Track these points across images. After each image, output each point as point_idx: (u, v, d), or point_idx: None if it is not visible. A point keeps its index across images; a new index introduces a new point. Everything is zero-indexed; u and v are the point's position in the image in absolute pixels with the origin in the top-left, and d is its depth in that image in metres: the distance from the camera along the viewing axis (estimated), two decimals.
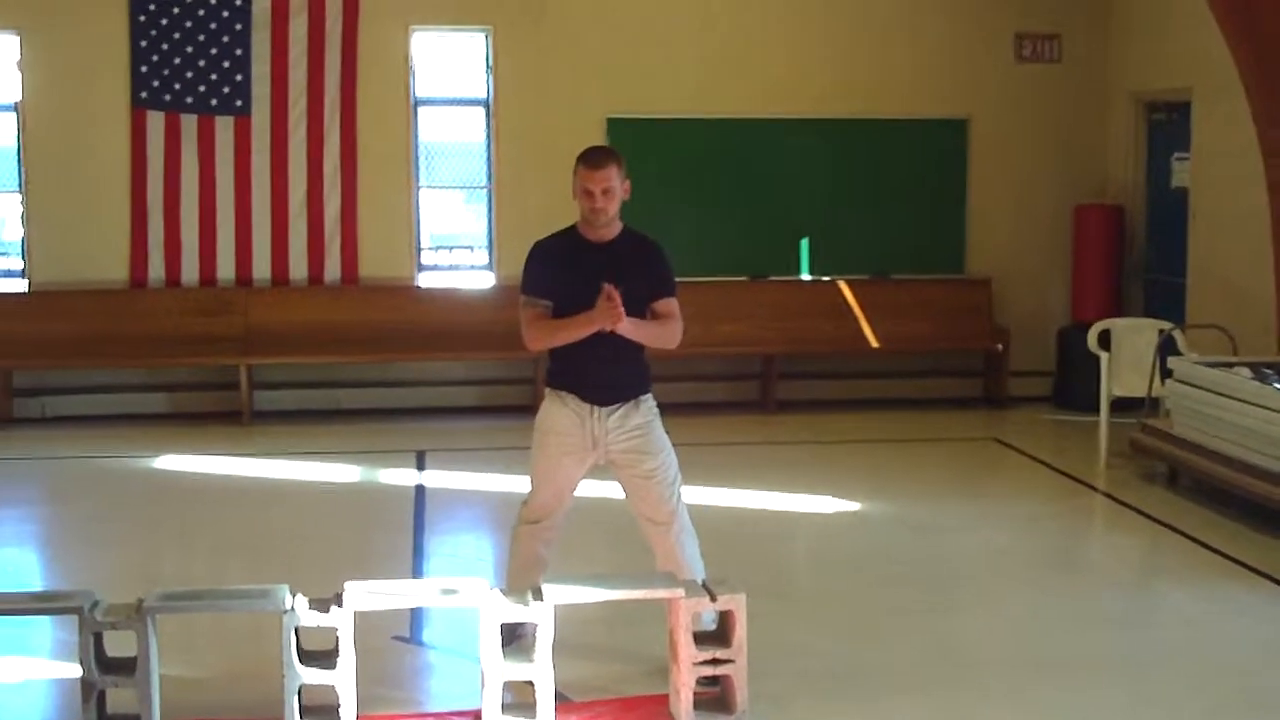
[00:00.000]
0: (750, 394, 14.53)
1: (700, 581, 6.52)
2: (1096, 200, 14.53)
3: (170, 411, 14.04)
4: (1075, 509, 10.81)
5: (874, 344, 14.39)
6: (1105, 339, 11.88)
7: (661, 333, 6.82)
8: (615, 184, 6.76)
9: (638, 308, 6.74)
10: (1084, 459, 11.87)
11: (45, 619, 7.41)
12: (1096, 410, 11.84)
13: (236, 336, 13.83)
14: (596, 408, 6.82)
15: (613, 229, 6.87)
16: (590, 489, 7.48)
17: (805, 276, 14.69)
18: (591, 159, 6.81)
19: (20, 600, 6.82)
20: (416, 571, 8.88)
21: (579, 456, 6.89)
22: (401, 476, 11.51)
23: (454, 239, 15.27)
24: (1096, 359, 11.83)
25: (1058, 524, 10.24)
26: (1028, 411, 14.19)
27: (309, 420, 13.81)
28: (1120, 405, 11.86)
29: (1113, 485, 11.13)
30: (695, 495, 9.42)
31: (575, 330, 6.71)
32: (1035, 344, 14.61)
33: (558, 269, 6.85)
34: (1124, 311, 13.90)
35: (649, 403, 6.94)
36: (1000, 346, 14.36)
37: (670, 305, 6.88)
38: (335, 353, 13.82)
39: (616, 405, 6.84)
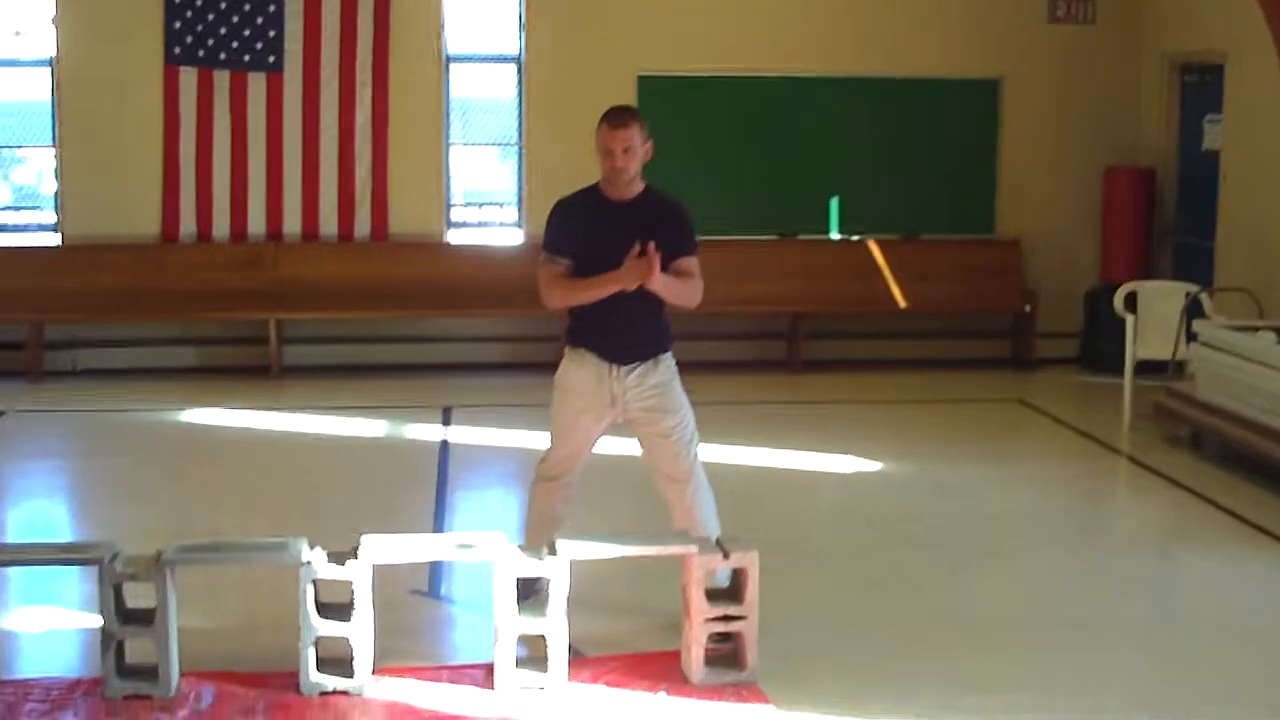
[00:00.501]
0: (777, 353, 14.53)
1: (714, 539, 6.56)
2: (1128, 162, 14.47)
3: (200, 366, 14.13)
4: (1098, 472, 10.82)
5: (902, 304, 14.38)
6: (1132, 301, 11.86)
7: (685, 290, 6.84)
8: (636, 143, 6.77)
9: (660, 266, 6.77)
10: (1109, 422, 11.85)
11: (70, 570, 7.50)
12: (1123, 373, 11.83)
13: (266, 291, 13.89)
14: (616, 366, 6.86)
15: (634, 188, 6.89)
16: (613, 446, 7.53)
17: (834, 236, 14.68)
18: (613, 118, 6.82)
19: (44, 551, 6.92)
20: (439, 526, 8.93)
21: (597, 414, 6.94)
22: (427, 432, 11.57)
23: (488, 195, 15.30)
24: (1124, 321, 11.82)
25: (1080, 487, 10.25)
26: (1055, 373, 14.17)
27: (337, 375, 13.87)
28: (1148, 368, 11.86)
29: (1136, 448, 11.12)
30: (718, 453, 9.54)
31: (598, 289, 6.73)
32: (1063, 306, 14.56)
33: (579, 227, 6.88)
34: (1153, 274, 13.85)
35: (668, 361, 6.97)
36: (1028, 308, 14.34)
37: (691, 264, 6.88)
38: (364, 308, 13.88)
39: (635, 364, 6.88)
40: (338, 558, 6.15)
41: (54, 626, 7.10)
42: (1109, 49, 14.59)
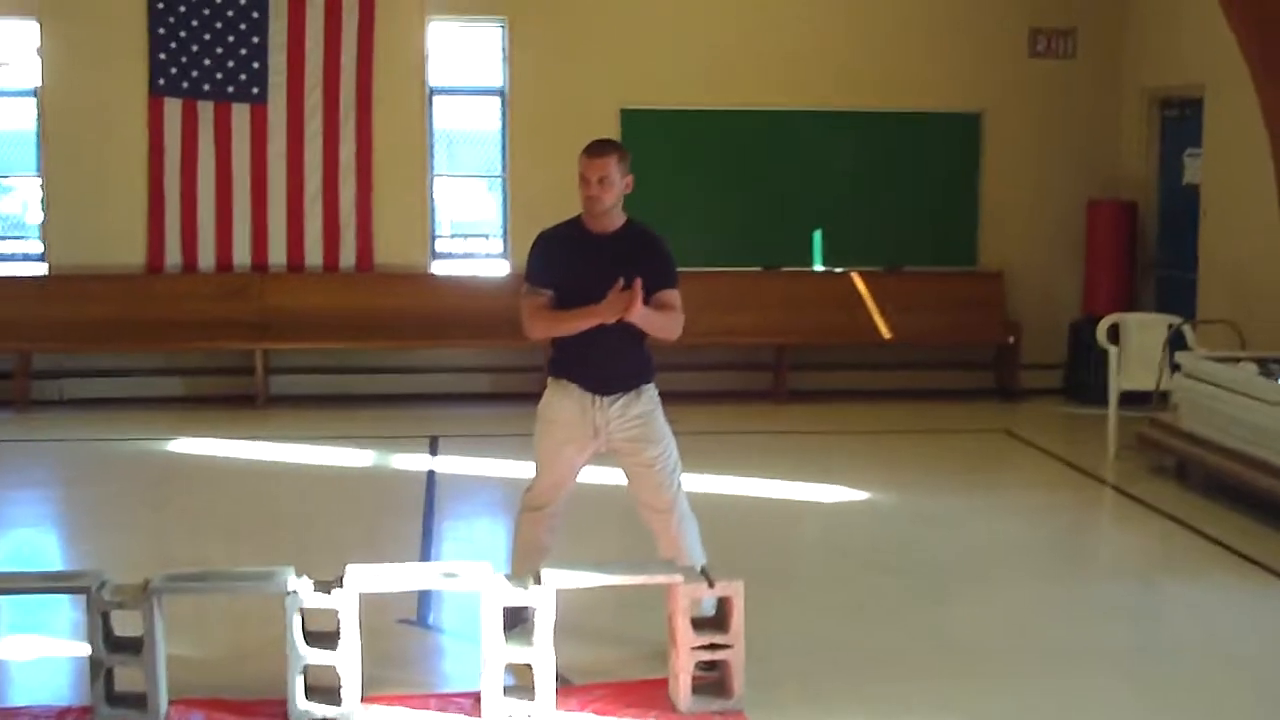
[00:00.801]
0: (762, 384, 14.58)
1: (700, 568, 6.59)
2: (1109, 195, 14.56)
3: (186, 395, 14.16)
4: (1083, 502, 10.85)
5: (886, 335, 14.45)
6: (1115, 333, 11.93)
7: (665, 322, 6.85)
8: (613, 174, 6.78)
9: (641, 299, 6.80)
10: (1093, 452, 11.90)
11: (58, 598, 7.50)
12: (1107, 404, 11.88)
13: (252, 322, 13.93)
14: (598, 396, 6.88)
15: (615, 221, 6.92)
16: (598, 476, 7.56)
17: (818, 268, 14.75)
18: (592, 148, 6.85)
19: (32, 580, 6.90)
20: (425, 556, 8.95)
21: (580, 444, 6.96)
22: (414, 462, 11.60)
23: (474, 226, 15.35)
24: (1107, 353, 11.89)
25: (1064, 516, 10.28)
26: (1039, 404, 14.25)
27: (323, 405, 13.91)
28: (1131, 399, 11.91)
29: (1121, 478, 11.17)
30: (703, 483, 9.57)
31: (578, 322, 6.75)
32: (1047, 337, 14.65)
33: (560, 259, 6.91)
34: (1136, 306, 13.94)
35: (650, 392, 6.99)
36: (1012, 339, 14.42)
37: (671, 297, 6.89)
38: (350, 339, 13.93)
39: (618, 394, 6.90)
40: (324, 586, 6.17)
41: (42, 655, 7.10)
42: (1089, 83, 14.71)
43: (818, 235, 14.67)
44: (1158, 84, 14.23)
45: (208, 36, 13.92)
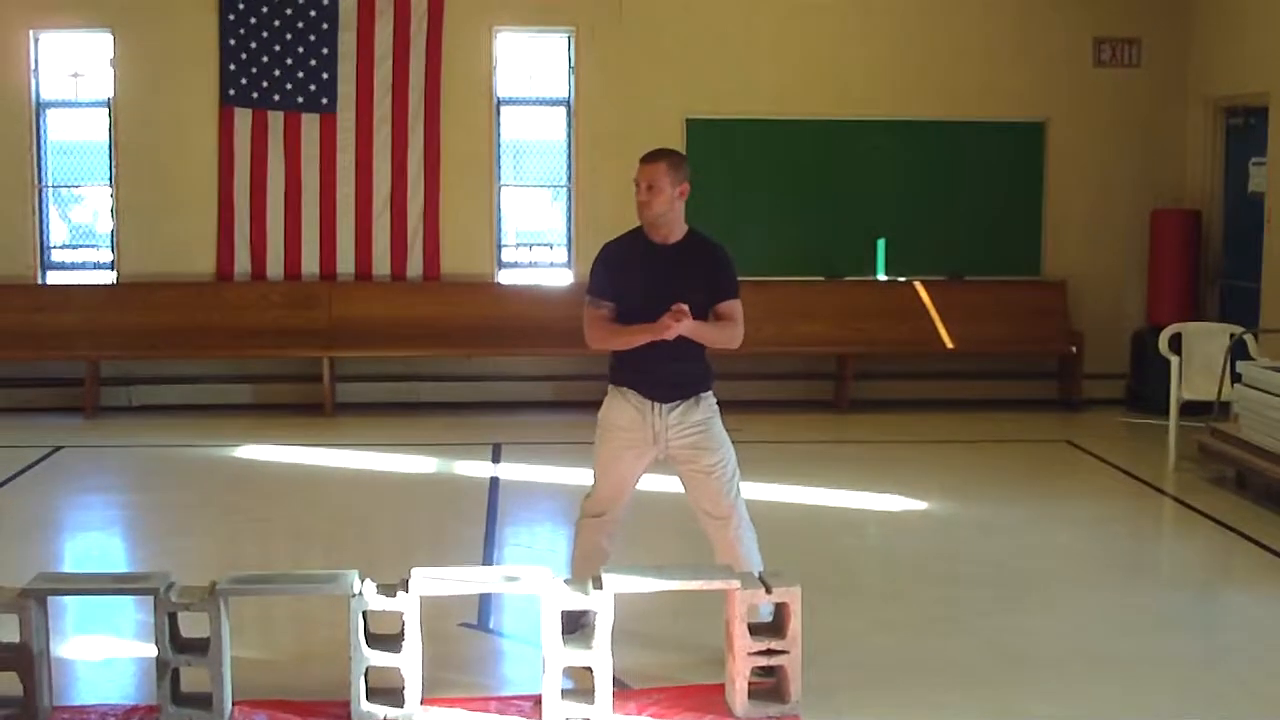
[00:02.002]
0: (824, 393, 14.63)
1: (757, 574, 6.66)
2: (1173, 204, 14.53)
3: (254, 402, 14.33)
4: (1142, 512, 10.85)
5: (949, 345, 14.46)
6: (1177, 343, 11.90)
7: (722, 334, 6.93)
8: (662, 181, 6.84)
9: (699, 311, 6.86)
10: (1154, 462, 11.91)
11: (127, 600, 7.64)
12: (1169, 414, 11.87)
13: (320, 330, 14.10)
14: (657, 404, 6.97)
15: (676, 231, 6.99)
16: (657, 484, 7.63)
17: (881, 277, 14.78)
18: (645, 155, 6.95)
19: (101, 581, 7.04)
20: (487, 560, 9.02)
21: (639, 451, 7.04)
22: (477, 469, 11.71)
23: (540, 236, 15.46)
24: (1169, 363, 11.87)
25: (1123, 527, 10.26)
26: (1101, 414, 14.23)
27: (389, 413, 14.06)
28: (1193, 409, 11.88)
29: (1181, 489, 11.16)
30: (764, 491, 9.65)
31: (633, 338, 6.86)
32: (1110, 347, 14.63)
33: (622, 271, 7.00)
34: (1199, 315, 13.88)
35: (709, 400, 7.06)
36: (1074, 349, 14.40)
37: (732, 308, 6.97)
38: (416, 347, 14.08)
39: (677, 402, 6.98)
40: (388, 590, 6.27)
41: (111, 655, 7.23)
42: (1154, 92, 14.68)
43: (881, 244, 14.70)
44: (1222, 92, 14.19)
45: (278, 47, 14.10)
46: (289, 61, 14.13)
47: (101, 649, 7.32)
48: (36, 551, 9.24)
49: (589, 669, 6.26)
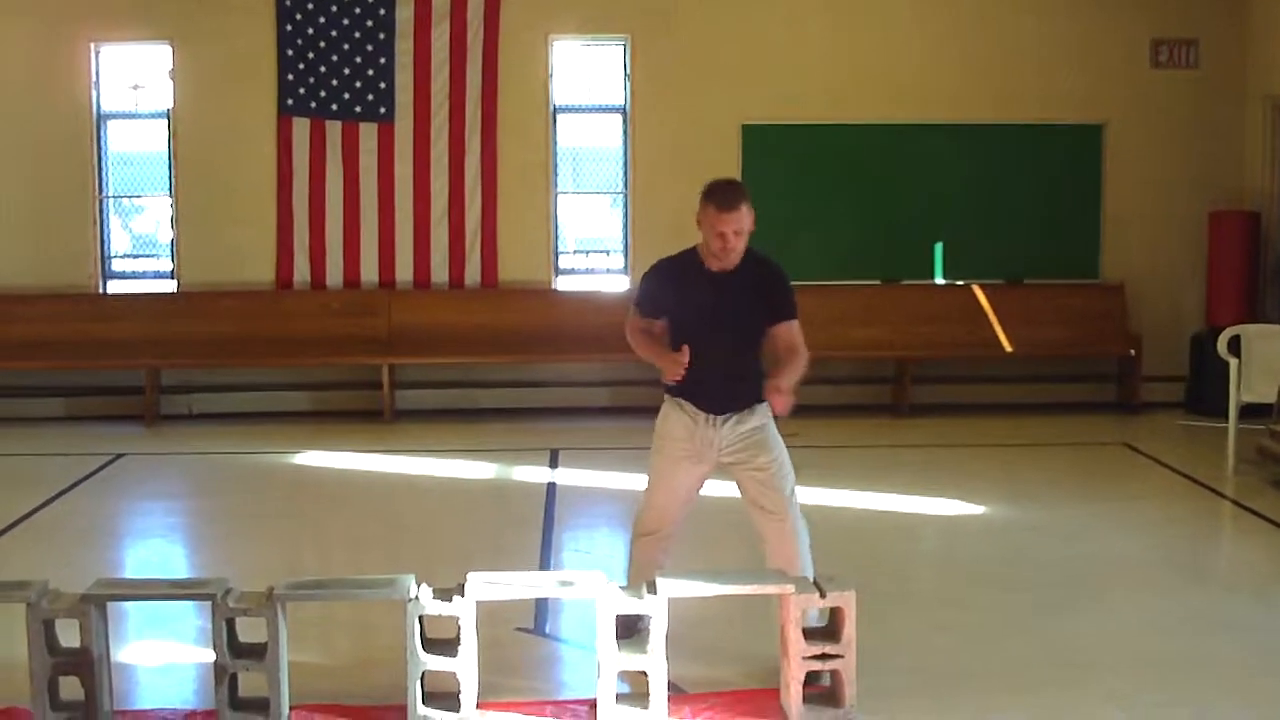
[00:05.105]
0: (883, 397, 14.63)
1: (811, 578, 6.66)
2: (1232, 206, 14.45)
3: (313, 410, 14.43)
4: (1200, 514, 10.77)
5: (1007, 349, 14.43)
6: (1236, 345, 11.83)
7: (797, 370, 6.85)
8: (746, 224, 6.78)
9: (753, 334, 6.90)
10: (1213, 465, 11.83)
11: (186, 605, 7.73)
12: (1228, 416, 11.81)
13: (379, 338, 14.18)
14: (712, 416, 6.98)
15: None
16: (713, 489, 7.63)
17: (939, 281, 14.76)
18: (721, 200, 6.75)
19: (160, 587, 7.10)
20: (544, 565, 9.06)
21: (694, 460, 7.04)
22: (535, 474, 11.75)
23: (597, 242, 15.50)
24: (1228, 365, 11.80)
25: (1182, 529, 10.20)
26: (1160, 417, 14.16)
27: (447, 419, 14.14)
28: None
29: (1240, 491, 11.09)
30: (823, 496, 9.68)
31: (651, 359, 6.99)
32: (1169, 350, 14.58)
33: (673, 293, 6.99)
34: (1259, 317, 13.81)
35: (763, 409, 7.02)
36: (1133, 352, 14.34)
37: (791, 330, 6.94)
38: (474, 354, 14.14)
39: (730, 414, 6.99)
40: (444, 594, 6.30)
41: (169, 660, 7.28)
42: (1212, 93, 14.61)
43: (939, 248, 14.68)
44: None
45: (335, 57, 14.19)
46: (346, 71, 14.23)
47: (161, 654, 7.37)
48: (97, 557, 9.31)
49: (644, 673, 6.27)
